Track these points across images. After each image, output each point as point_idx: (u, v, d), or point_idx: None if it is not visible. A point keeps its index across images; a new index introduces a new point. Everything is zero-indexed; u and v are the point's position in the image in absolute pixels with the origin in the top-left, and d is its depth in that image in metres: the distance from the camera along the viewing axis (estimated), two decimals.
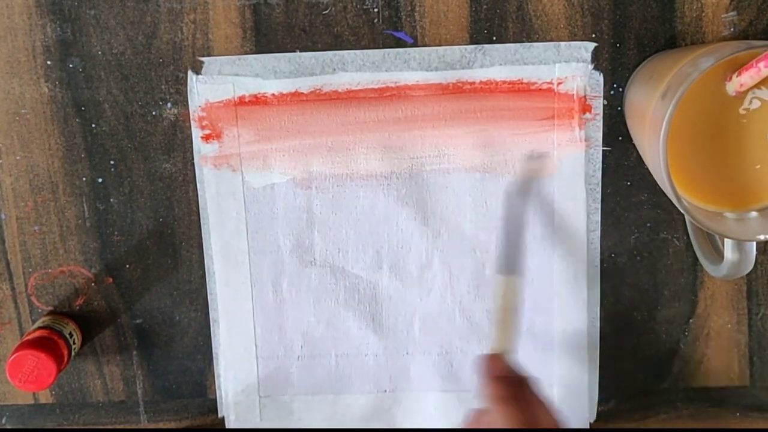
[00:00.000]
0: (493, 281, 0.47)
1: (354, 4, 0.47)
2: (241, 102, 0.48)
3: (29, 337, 0.48)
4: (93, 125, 0.49)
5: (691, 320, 0.52)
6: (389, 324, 0.52)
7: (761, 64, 0.38)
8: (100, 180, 0.50)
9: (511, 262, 0.46)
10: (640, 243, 0.51)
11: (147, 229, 0.50)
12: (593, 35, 0.48)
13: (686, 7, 0.47)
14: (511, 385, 0.42)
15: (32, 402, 0.53)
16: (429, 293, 0.51)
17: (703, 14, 0.47)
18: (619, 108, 0.48)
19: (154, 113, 0.49)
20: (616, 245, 0.51)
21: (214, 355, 0.52)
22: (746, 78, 0.39)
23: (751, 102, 0.41)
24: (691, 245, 0.50)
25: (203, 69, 0.48)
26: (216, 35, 0.48)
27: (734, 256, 0.43)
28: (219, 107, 0.48)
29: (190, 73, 0.48)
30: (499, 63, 0.48)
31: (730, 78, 0.40)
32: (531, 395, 0.42)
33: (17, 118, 0.49)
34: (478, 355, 0.44)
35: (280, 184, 0.50)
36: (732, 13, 0.47)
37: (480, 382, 0.43)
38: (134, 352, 0.52)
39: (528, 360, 0.52)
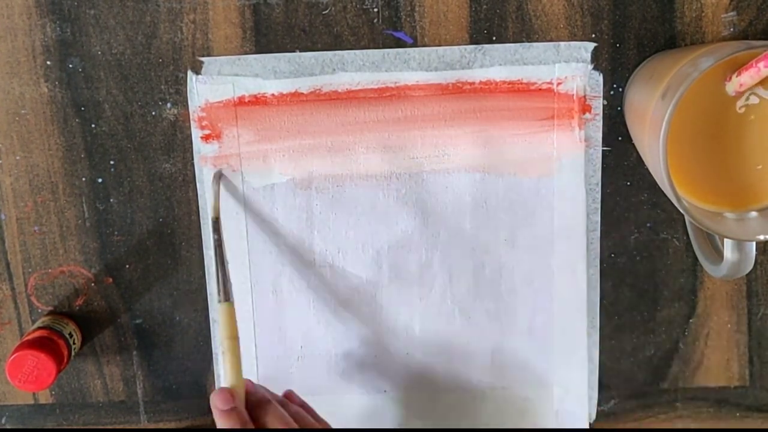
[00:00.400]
0: (215, 311, 0.49)
1: (354, 4, 0.47)
2: (241, 102, 0.48)
3: (29, 337, 0.48)
4: (93, 125, 0.49)
5: (690, 320, 0.52)
6: (389, 324, 0.52)
7: (761, 64, 0.38)
8: (99, 180, 0.50)
9: (225, 289, 0.47)
10: (640, 243, 0.51)
11: (147, 229, 0.50)
12: (593, 35, 0.48)
13: (686, 7, 0.47)
14: (239, 415, 0.44)
15: (32, 402, 0.53)
16: (429, 293, 0.51)
17: (703, 14, 0.47)
18: (618, 108, 0.48)
19: (153, 113, 0.49)
20: (616, 245, 0.51)
21: (214, 355, 0.52)
22: (746, 78, 0.39)
23: (748, 98, 0.41)
24: (691, 245, 0.50)
25: (203, 69, 0.48)
26: (216, 35, 0.48)
27: (734, 256, 0.43)
28: (219, 107, 0.48)
29: (189, 73, 0.48)
30: (498, 63, 0.48)
31: (730, 78, 0.40)
32: (268, 412, 0.44)
33: (17, 118, 0.49)
34: (212, 393, 0.45)
35: (280, 184, 0.50)
36: (732, 14, 0.47)
37: (215, 418, 0.44)
38: (134, 352, 0.52)
39: (528, 360, 0.52)
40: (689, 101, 0.40)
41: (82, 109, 0.49)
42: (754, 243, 0.43)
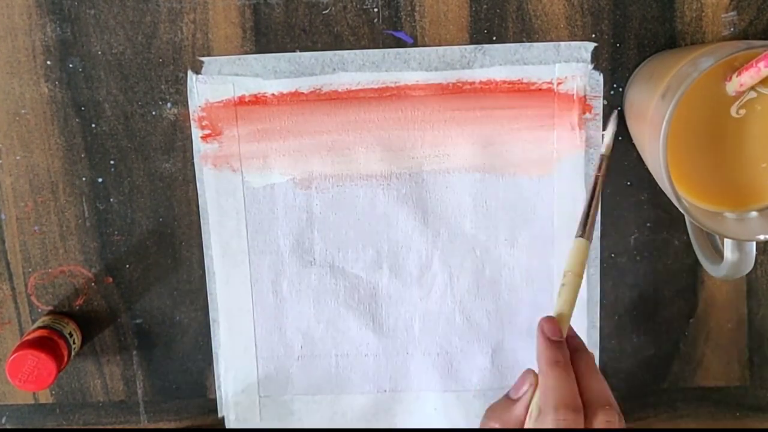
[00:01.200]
0: (571, 243, 0.46)
1: (354, 3, 0.47)
2: (241, 102, 0.48)
3: (29, 336, 0.48)
4: (93, 125, 0.49)
5: (691, 320, 0.52)
6: (389, 324, 0.52)
7: (761, 64, 0.38)
8: (100, 180, 0.50)
9: (585, 225, 0.45)
10: (640, 243, 0.51)
11: (147, 229, 0.50)
12: (593, 35, 0.48)
13: (686, 7, 0.47)
14: (566, 350, 0.43)
15: (32, 402, 0.53)
16: (429, 293, 0.51)
17: (703, 14, 0.47)
18: (619, 108, 0.48)
19: (154, 113, 0.49)
20: (616, 245, 0.51)
21: (214, 355, 0.52)
22: (746, 78, 0.39)
23: (742, 102, 0.41)
24: (691, 245, 0.50)
25: (203, 69, 0.48)
26: (216, 35, 0.48)
27: (734, 256, 0.43)
28: (219, 107, 0.48)
29: (190, 73, 0.48)
30: (499, 63, 0.48)
31: (730, 78, 0.40)
32: (585, 364, 0.43)
33: (17, 118, 0.49)
34: (542, 317, 0.44)
35: (280, 184, 0.50)
36: (732, 13, 0.47)
37: (538, 342, 0.43)
38: (134, 352, 0.52)
39: (528, 360, 0.52)
40: (689, 101, 0.40)
41: (83, 108, 0.49)
42: (754, 243, 0.43)
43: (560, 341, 0.43)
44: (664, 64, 0.44)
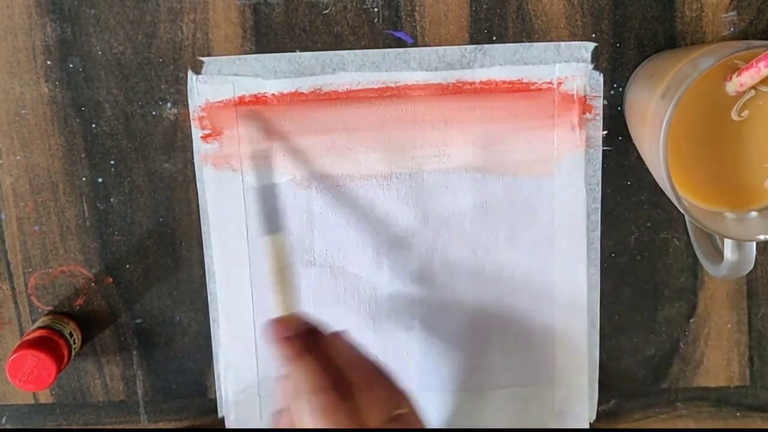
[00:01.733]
0: (261, 244, 0.47)
1: (354, 3, 0.47)
2: (241, 102, 0.48)
3: (29, 336, 0.48)
4: (93, 125, 0.49)
5: (691, 320, 0.52)
6: (389, 324, 0.52)
7: (761, 64, 0.38)
8: (100, 180, 0.50)
9: (271, 220, 0.46)
10: (640, 243, 0.51)
11: (147, 229, 0.50)
12: (593, 35, 0.48)
13: (686, 7, 0.47)
14: (299, 341, 0.42)
15: (32, 402, 0.53)
16: (429, 293, 0.51)
17: (703, 14, 0.47)
18: (619, 108, 0.48)
19: (154, 113, 0.49)
20: (616, 245, 0.51)
21: (214, 355, 0.52)
22: (746, 78, 0.39)
23: (745, 95, 0.41)
24: (691, 245, 0.50)
25: (203, 69, 0.48)
26: (216, 35, 0.48)
27: (734, 256, 0.43)
28: (219, 107, 0.48)
29: (190, 72, 0.48)
30: (499, 63, 0.48)
31: (730, 78, 0.40)
32: (330, 343, 0.43)
33: (17, 118, 0.49)
34: (264, 323, 0.44)
35: (280, 184, 0.50)
36: (732, 13, 0.47)
37: (272, 348, 0.43)
38: (134, 352, 0.52)
39: (528, 360, 0.52)
40: (689, 101, 0.40)
41: (83, 108, 0.49)
42: (754, 243, 0.43)
43: (290, 337, 0.43)
44: (664, 64, 0.44)
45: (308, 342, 0.43)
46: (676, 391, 0.53)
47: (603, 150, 0.49)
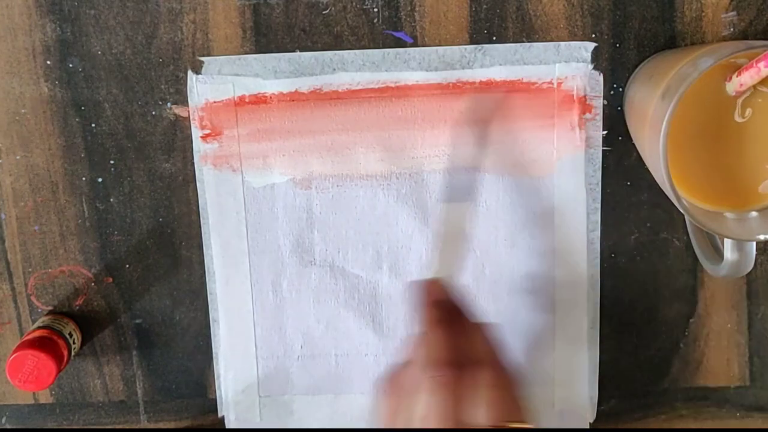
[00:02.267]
0: (438, 210, 0.46)
1: (354, 4, 0.47)
2: (241, 102, 0.48)
3: (29, 336, 0.48)
4: (93, 125, 0.49)
5: (691, 320, 0.52)
6: (389, 324, 0.52)
7: (761, 64, 0.38)
8: (99, 180, 0.50)
9: (457, 190, 0.45)
10: (640, 243, 0.51)
11: (147, 228, 0.50)
12: (593, 35, 0.48)
13: (686, 7, 0.47)
14: (446, 309, 0.42)
15: (32, 402, 0.53)
16: None
17: (703, 14, 0.47)
18: (619, 108, 0.48)
19: (154, 113, 0.49)
20: (616, 245, 0.51)
21: (214, 354, 0.52)
22: (746, 78, 0.39)
23: (744, 95, 0.41)
24: (691, 245, 0.50)
25: (203, 69, 0.48)
26: (216, 35, 0.48)
27: (734, 256, 0.43)
28: (219, 107, 0.48)
29: (190, 72, 0.48)
30: (499, 63, 0.48)
31: (730, 78, 0.40)
32: (467, 320, 0.42)
33: (17, 117, 0.49)
34: (412, 281, 0.43)
35: (280, 184, 0.50)
36: (732, 13, 0.47)
37: (417, 306, 0.43)
38: (134, 352, 0.52)
39: (528, 360, 0.52)
40: (689, 101, 0.40)
41: (82, 108, 0.49)
42: (754, 243, 0.43)
43: (440, 301, 0.42)
44: (664, 64, 0.44)
45: (452, 313, 0.42)
46: (676, 391, 0.53)
47: (603, 150, 0.49)
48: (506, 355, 0.42)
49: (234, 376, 0.52)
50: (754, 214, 0.43)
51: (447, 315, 0.42)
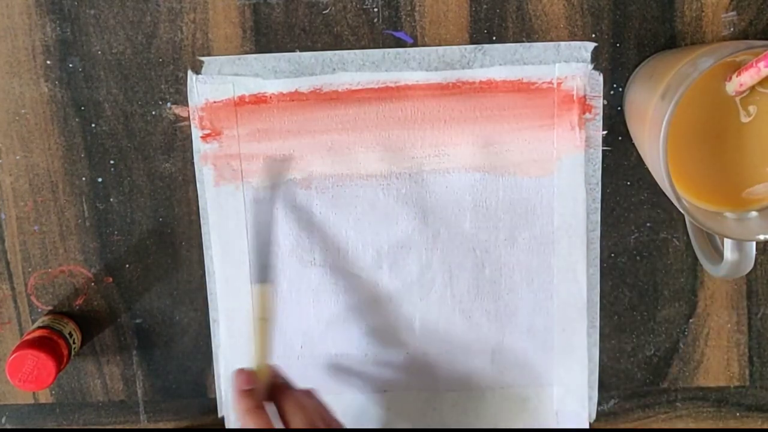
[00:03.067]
0: (253, 291, 0.49)
1: (354, 3, 0.47)
2: (241, 102, 0.48)
3: (29, 336, 0.48)
4: (93, 125, 0.49)
5: (690, 320, 0.52)
6: (389, 324, 0.52)
7: (761, 64, 0.38)
8: (99, 180, 0.50)
9: (262, 270, 0.47)
10: (640, 243, 0.51)
11: (147, 228, 0.50)
12: (593, 35, 0.48)
13: (686, 7, 0.47)
14: (256, 396, 0.45)
15: (32, 402, 0.53)
16: (429, 293, 0.51)
17: (703, 14, 0.47)
18: (619, 108, 0.48)
19: (153, 113, 0.49)
20: (615, 245, 0.51)
21: (213, 354, 0.52)
22: (746, 78, 0.39)
23: (743, 94, 0.41)
24: (691, 245, 0.50)
25: (203, 69, 0.48)
26: (216, 35, 0.48)
27: (734, 256, 0.43)
28: (219, 107, 0.48)
29: (189, 72, 0.48)
30: (499, 63, 0.48)
31: (730, 78, 0.40)
32: (286, 403, 0.45)
33: (17, 117, 0.49)
34: (234, 371, 0.46)
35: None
36: (732, 13, 0.47)
37: (232, 394, 0.46)
38: (134, 352, 0.52)
39: (528, 360, 0.52)
40: (689, 101, 0.40)
41: (82, 108, 0.49)
42: (753, 243, 0.43)
43: (251, 390, 0.45)
44: (664, 64, 0.44)
45: (271, 395, 0.45)
46: (675, 391, 0.53)
47: (603, 150, 0.49)
48: (332, 415, 0.46)
49: None
50: (754, 214, 0.43)
51: (255, 402, 0.44)
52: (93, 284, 0.51)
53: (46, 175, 0.49)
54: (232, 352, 0.52)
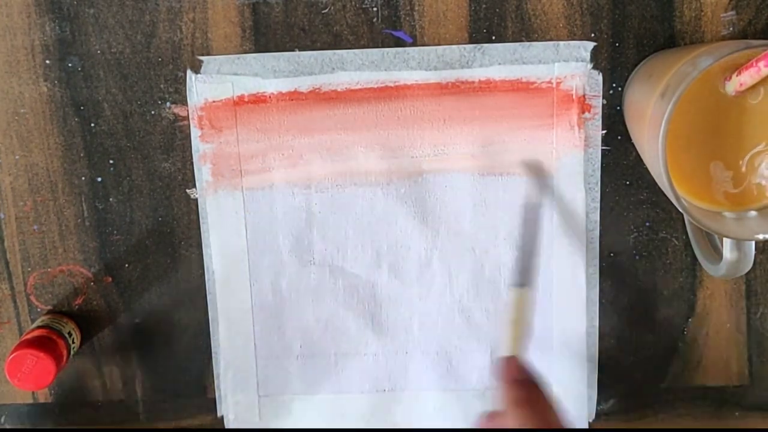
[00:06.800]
0: (509, 293, 0.48)
1: (353, 3, 0.47)
2: (240, 101, 0.48)
3: (28, 336, 0.48)
4: (92, 124, 0.49)
5: (690, 320, 0.52)
6: (388, 323, 0.52)
7: (761, 64, 0.38)
8: (99, 179, 0.50)
9: (524, 274, 0.46)
10: (639, 242, 0.51)
11: (146, 228, 0.50)
12: (592, 34, 0.48)
13: (685, 6, 0.47)
14: (526, 388, 0.42)
15: (31, 401, 0.53)
16: (428, 293, 0.51)
17: (702, 14, 0.47)
18: (618, 107, 0.48)
19: (153, 112, 0.49)
20: (615, 245, 0.51)
21: (213, 354, 0.52)
22: (746, 77, 0.39)
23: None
24: (690, 245, 0.50)
25: (202, 68, 0.48)
26: (215, 34, 0.48)
27: (733, 256, 0.43)
28: (218, 106, 0.48)
29: (189, 72, 0.48)
30: (498, 62, 0.48)
31: (730, 77, 0.40)
32: (543, 399, 0.43)
33: (16, 117, 0.49)
34: (497, 358, 0.44)
35: (279, 183, 0.50)
36: (731, 13, 0.47)
37: (497, 384, 0.43)
38: (133, 352, 0.52)
39: (528, 359, 0.52)
40: (688, 100, 0.40)
41: (82, 108, 0.48)
42: (753, 242, 0.43)
43: (519, 380, 0.43)
44: (664, 63, 0.44)
45: (531, 392, 0.42)
46: (675, 390, 0.53)
47: (602, 149, 0.49)
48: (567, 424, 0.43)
49: (233, 376, 0.52)
50: (753, 213, 0.43)
51: (526, 394, 0.42)
52: (92, 284, 0.51)
53: (46, 174, 0.49)
54: (231, 352, 0.52)
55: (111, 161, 0.49)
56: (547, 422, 0.41)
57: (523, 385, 0.43)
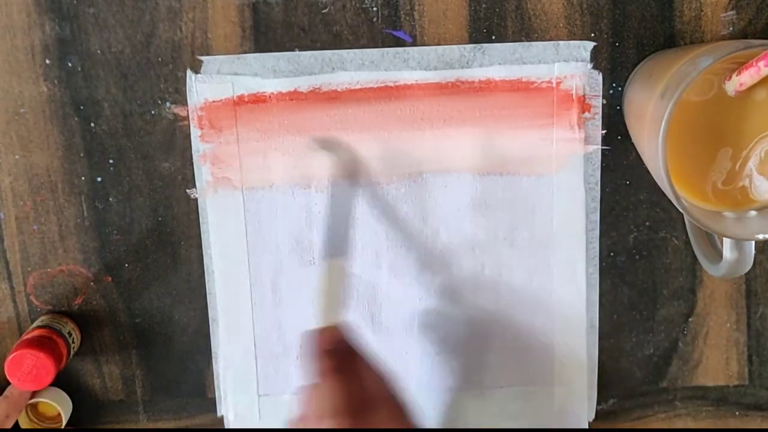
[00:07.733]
0: (320, 265, 0.48)
1: (353, 3, 0.47)
2: (240, 101, 0.48)
3: (28, 336, 0.48)
4: (92, 124, 0.49)
5: (690, 319, 0.52)
6: (388, 324, 0.52)
7: (761, 63, 0.38)
8: (99, 179, 0.50)
9: (334, 246, 0.47)
10: (639, 242, 0.51)
11: (146, 228, 0.50)
12: (592, 34, 0.48)
13: (685, 6, 0.47)
14: (338, 357, 0.43)
15: None
16: (428, 293, 0.51)
17: (702, 13, 0.47)
18: (618, 107, 0.48)
19: (153, 112, 0.49)
20: (615, 244, 0.51)
21: (213, 354, 0.52)
22: (746, 77, 0.39)
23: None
24: (690, 244, 0.50)
25: (202, 68, 0.48)
26: (215, 34, 0.48)
27: (733, 256, 0.43)
28: (218, 106, 0.48)
29: (189, 72, 0.48)
30: (498, 62, 0.48)
31: (730, 77, 0.40)
32: (361, 367, 0.43)
33: (16, 117, 0.48)
34: (306, 330, 0.44)
35: (279, 183, 0.50)
36: (731, 13, 0.47)
37: (309, 356, 0.43)
38: (133, 352, 0.52)
39: (528, 360, 0.52)
40: (688, 100, 0.40)
41: (81, 108, 0.48)
42: (753, 242, 0.43)
43: (331, 350, 0.43)
44: (664, 63, 0.44)
45: (344, 361, 0.43)
46: (675, 390, 0.53)
47: (602, 149, 0.49)
48: (400, 392, 0.43)
49: (233, 376, 0.52)
50: (753, 213, 0.43)
51: (339, 363, 0.42)
52: (92, 284, 0.51)
53: (45, 174, 0.49)
54: (231, 351, 0.52)
55: (111, 161, 0.49)
56: (361, 389, 0.42)
57: (335, 354, 0.43)
